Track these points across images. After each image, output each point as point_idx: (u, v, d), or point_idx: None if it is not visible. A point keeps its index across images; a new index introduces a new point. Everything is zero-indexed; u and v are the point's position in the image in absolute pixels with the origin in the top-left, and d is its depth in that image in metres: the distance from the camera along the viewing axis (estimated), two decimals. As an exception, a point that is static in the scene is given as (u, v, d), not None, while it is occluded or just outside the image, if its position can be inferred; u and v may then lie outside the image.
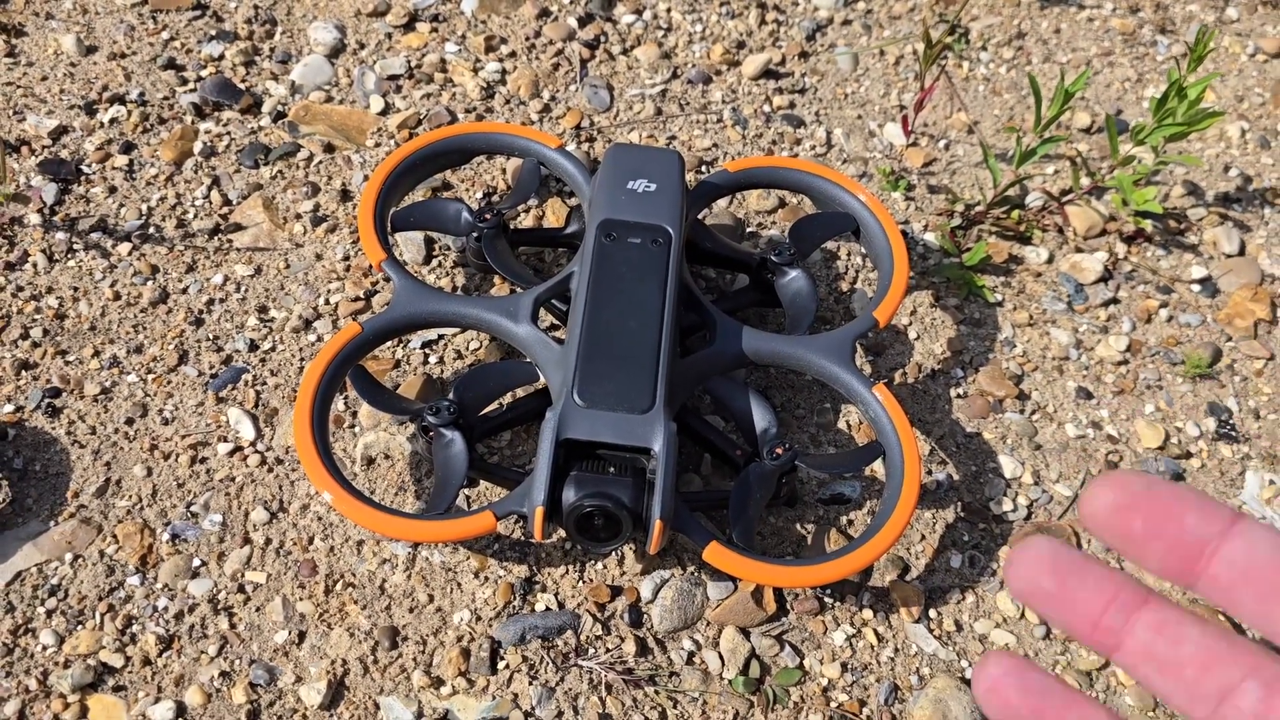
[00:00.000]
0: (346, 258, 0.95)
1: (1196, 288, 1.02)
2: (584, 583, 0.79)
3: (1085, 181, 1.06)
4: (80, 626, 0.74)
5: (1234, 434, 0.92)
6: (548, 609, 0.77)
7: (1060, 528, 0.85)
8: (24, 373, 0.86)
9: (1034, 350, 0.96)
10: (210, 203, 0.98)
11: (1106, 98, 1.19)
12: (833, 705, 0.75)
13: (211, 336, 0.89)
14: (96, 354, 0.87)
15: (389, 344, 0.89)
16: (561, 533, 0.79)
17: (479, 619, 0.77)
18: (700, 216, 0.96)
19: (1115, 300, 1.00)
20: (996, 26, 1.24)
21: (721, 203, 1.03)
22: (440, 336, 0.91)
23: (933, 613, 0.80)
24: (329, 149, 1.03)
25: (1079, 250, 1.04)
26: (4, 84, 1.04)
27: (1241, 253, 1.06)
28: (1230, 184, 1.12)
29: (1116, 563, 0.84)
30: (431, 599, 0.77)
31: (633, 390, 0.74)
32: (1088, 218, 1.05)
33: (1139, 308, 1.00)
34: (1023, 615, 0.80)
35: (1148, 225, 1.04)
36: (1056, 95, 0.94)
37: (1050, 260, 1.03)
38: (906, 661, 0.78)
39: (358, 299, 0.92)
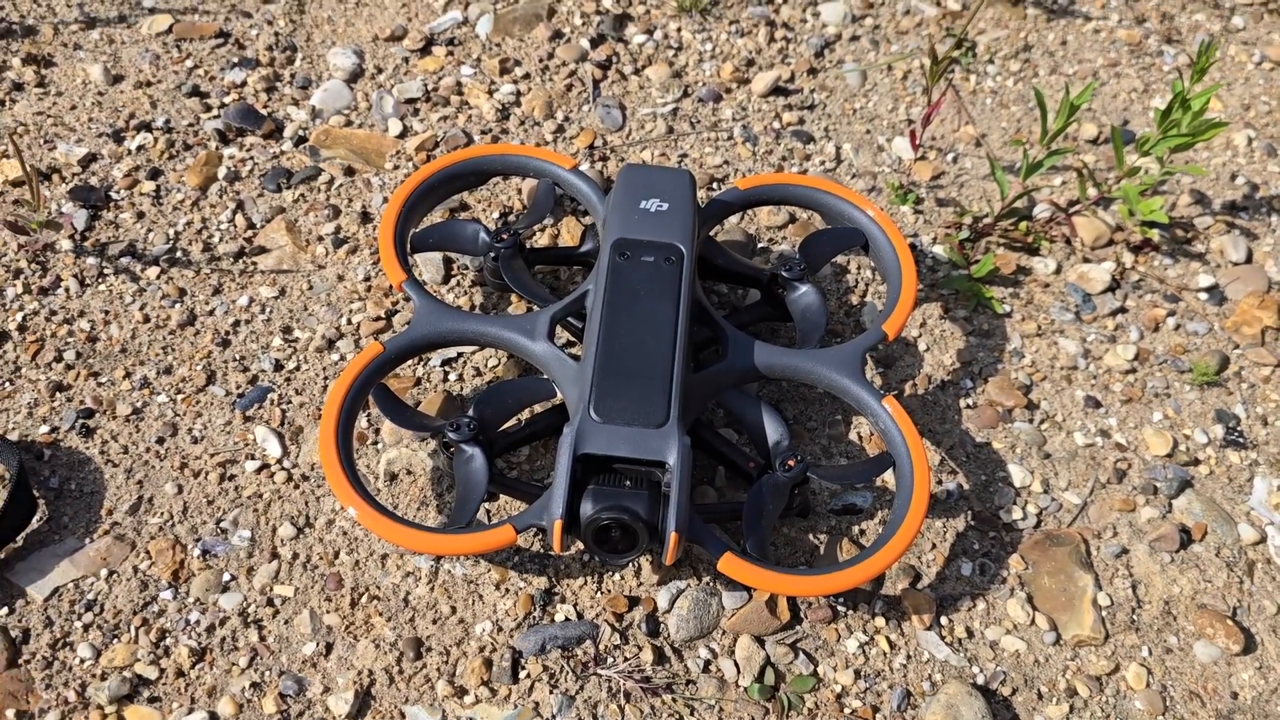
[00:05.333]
0: (367, 278, 0.98)
1: (1204, 296, 1.04)
2: (602, 593, 0.81)
3: (1092, 192, 1.08)
4: (116, 640, 0.77)
5: (1242, 441, 0.94)
6: (567, 619, 0.79)
7: (1069, 535, 0.86)
8: (59, 394, 0.88)
9: (1042, 360, 0.98)
10: (235, 226, 1.00)
11: (1113, 108, 1.20)
12: (846, 711, 0.77)
13: (238, 357, 0.92)
14: (127, 375, 0.90)
15: (410, 362, 0.92)
16: (580, 544, 0.81)
17: (500, 630, 0.79)
18: (712, 233, 0.98)
19: (1123, 309, 1.02)
20: (1003, 39, 1.26)
21: (733, 218, 1.05)
22: (459, 354, 0.93)
23: (944, 620, 0.82)
24: (349, 172, 1.06)
25: (1086, 260, 1.05)
26: (35, 113, 1.07)
27: (1248, 260, 1.07)
28: (1237, 192, 1.13)
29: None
30: (454, 610, 0.80)
31: (648, 405, 0.76)
32: (1095, 228, 1.06)
33: (1146, 316, 1.01)
34: (1033, 622, 0.82)
35: (1155, 235, 1.06)
36: (1062, 108, 0.96)
37: (1058, 271, 1.04)
38: (919, 668, 0.79)
39: (379, 318, 0.95)
